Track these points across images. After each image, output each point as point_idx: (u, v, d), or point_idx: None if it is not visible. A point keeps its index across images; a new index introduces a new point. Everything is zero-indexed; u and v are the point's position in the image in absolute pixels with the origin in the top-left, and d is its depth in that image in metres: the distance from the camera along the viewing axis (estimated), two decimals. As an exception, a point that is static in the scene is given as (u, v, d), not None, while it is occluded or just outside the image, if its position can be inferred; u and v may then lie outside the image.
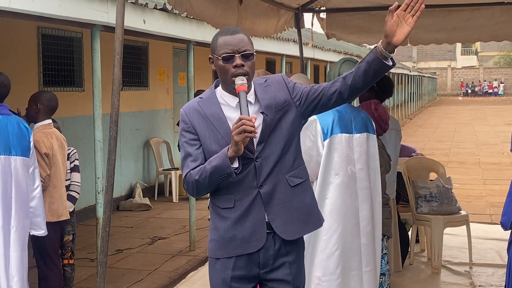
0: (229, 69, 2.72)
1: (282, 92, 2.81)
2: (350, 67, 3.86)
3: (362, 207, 3.84)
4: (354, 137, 3.83)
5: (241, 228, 2.76)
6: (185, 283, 6.03)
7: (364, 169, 3.86)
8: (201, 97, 2.85)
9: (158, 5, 6.69)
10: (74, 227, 5.02)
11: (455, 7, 6.85)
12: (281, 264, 2.80)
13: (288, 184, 2.79)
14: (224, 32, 2.78)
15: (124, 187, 9.79)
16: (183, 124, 2.81)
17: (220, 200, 2.81)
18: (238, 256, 2.78)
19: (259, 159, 2.74)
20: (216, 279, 2.86)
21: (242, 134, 2.54)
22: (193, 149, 2.76)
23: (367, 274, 3.85)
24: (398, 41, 2.60)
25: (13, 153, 3.88)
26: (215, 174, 2.66)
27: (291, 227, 2.79)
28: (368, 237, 3.86)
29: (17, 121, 4.01)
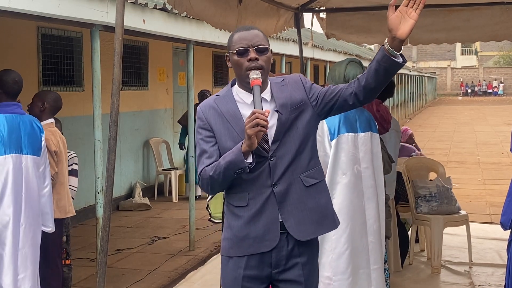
0: (243, 63, 2.73)
1: (299, 92, 2.80)
2: (355, 68, 3.88)
3: (368, 205, 3.86)
4: (359, 136, 3.85)
5: (254, 227, 2.75)
6: (184, 283, 6.03)
7: (370, 168, 3.88)
8: (218, 95, 2.86)
9: (158, 5, 6.69)
10: (68, 228, 5.02)
11: (455, 7, 6.86)
12: (293, 265, 2.78)
13: (303, 184, 2.77)
14: (240, 29, 2.81)
15: (124, 187, 9.78)
16: (199, 121, 2.82)
17: (234, 198, 2.80)
18: (251, 255, 2.77)
19: (273, 158, 2.73)
20: (228, 278, 2.83)
21: (255, 127, 2.53)
22: (208, 146, 2.77)
23: (375, 272, 3.87)
24: (403, 34, 2.56)
25: (24, 152, 3.95)
26: (229, 170, 2.65)
27: (305, 228, 2.77)
28: (375, 235, 3.88)
29: (30, 120, 4.08)
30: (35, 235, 4.01)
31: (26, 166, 3.95)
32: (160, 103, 10.96)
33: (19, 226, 3.88)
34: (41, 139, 4.11)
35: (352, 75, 3.87)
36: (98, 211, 5.20)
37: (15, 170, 3.88)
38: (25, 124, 4.01)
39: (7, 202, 3.82)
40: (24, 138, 3.96)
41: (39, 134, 4.10)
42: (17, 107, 4.07)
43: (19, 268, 3.88)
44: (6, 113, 3.97)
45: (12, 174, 3.85)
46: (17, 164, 3.89)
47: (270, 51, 2.81)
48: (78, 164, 5.18)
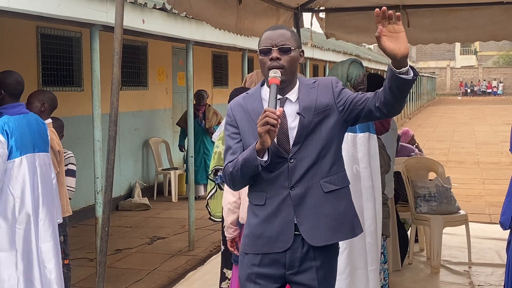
0: (266, 62, 2.74)
1: (326, 96, 2.78)
2: (358, 69, 3.89)
3: (366, 206, 3.87)
4: (358, 136, 3.86)
5: (269, 227, 2.76)
6: (184, 283, 6.03)
7: (368, 168, 3.89)
8: (247, 93, 2.89)
9: (157, 5, 6.69)
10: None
11: (454, 7, 6.86)
12: (307, 268, 2.77)
13: (322, 190, 2.75)
14: (269, 28, 2.82)
15: (123, 187, 9.78)
16: (227, 118, 2.85)
17: (254, 196, 2.83)
18: (265, 254, 2.78)
19: (293, 160, 2.73)
20: (243, 273, 2.86)
21: (265, 126, 2.53)
22: (233, 142, 2.80)
23: (372, 273, 3.87)
24: (403, 52, 2.47)
25: (36, 150, 4.05)
26: (245, 167, 2.66)
27: (319, 233, 2.74)
28: (372, 236, 3.89)
29: (35, 118, 4.17)
30: (54, 228, 4.15)
31: (39, 164, 4.05)
32: (159, 103, 10.96)
33: (38, 222, 4.00)
34: (47, 134, 4.23)
35: (355, 76, 3.88)
36: (97, 211, 5.20)
37: (31, 170, 3.97)
38: (31, 123, 4.10)
39: (28, 202, 3.94)
40: (33, 137, 4.05)
41: (46, 131, 4.22)
42: (22, 107, 4.15)
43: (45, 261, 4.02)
44: (14, 114, 4.03)
45: (28, 174, 3.95)
46: (32, 163, 4.00)
47: (301, 51, 2.81)
48: (75, 164, 5.17)
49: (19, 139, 3.94)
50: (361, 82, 3.88)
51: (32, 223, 3.96)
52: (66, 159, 5.04)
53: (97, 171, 5.33)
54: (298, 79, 2.84)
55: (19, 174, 3.93)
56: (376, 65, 23.19)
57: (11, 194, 3.90)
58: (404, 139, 7.83)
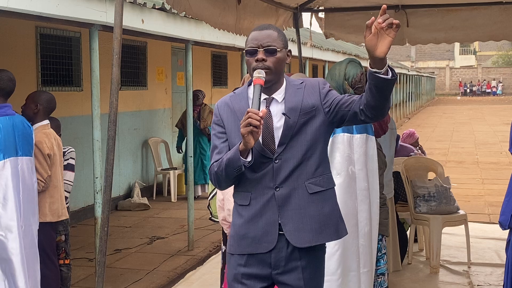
0: (251, 63, 2.74)
1: (313, 97, 2.78)
2: (355, 68, 3.88)
3: (361, 207, 3.85)
4: (354, 137, 3.84)
5: (253, 227, 2.76)
6: (183, 282, 6.03)
7: (363, 170, 3.87)
8: (234, 92, 2.89)
9: (157, 5, 6.69)
10: (67, 228, 4.98)
11: (454, 7, 6.86)
12: (293, 268, 2.76)
13: (306, 191, 2.75)
14: (256, 28, 2.81)
15: (123, 187, 9.78)
16: (214, 117, 2.86)
17: (239, 196, 2.83)
18: (250, 254, 2.78)
19: (278, 160, 2.73)
20: (230, 274, 2.86)
21: (247, 127, 2.53)
22: (219, 142, 2.80)
23: (364, 275, 3.86)
24: (381, 53, 2.47)
25: (19, 154, 3.95)
26: (229, 167, 2.67)
27: (303, 235, 2.74)
28: (366, 238, 3.87)
29: (21, 121, 4.07)
30: (33, 235, 4.03)
31: (22, 168, 3.96)
32: (159, 103, 10.96)
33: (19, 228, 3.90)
34: (32, 138, 4.12)
35: (353, 75, 3.86)
36: (96, 211, 5.19)
37: (13, 174, 3.89)
38: (17, 126, 4.00)
39: (11, 207, 3.85)
40: (18, 140, 3.96)
41: (31, 134, 4.11)
42: (8, 108, 4.04)
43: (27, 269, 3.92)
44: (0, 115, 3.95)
45: (11, 178, 3.87)
46: (15, 167, 3.91)
47: (288, 51, 2.80)
48: (75, 159, 5.15)
49: (2, 141, 3.86)
50: (358, 81, 3.87)
51: (15, 230, 3.85)
52: (67, 154, 5.02)
53: (96, 171, 5.33)
54: (285, 79, 2.83)
55: (2, 178, 3.84)
56: (375, 65, 23.13)
57: None
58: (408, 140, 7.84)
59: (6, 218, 3.84)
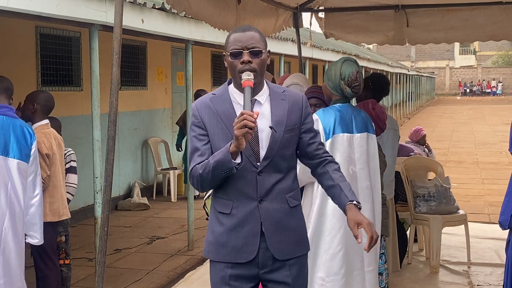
0: (237, 65, 2.72)
1: (296, 114, 2.80)
2: (351, 67, 3.86)
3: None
4: (354, 137, 3.84)
5: (234, 237, 2.76)
6: (183, 282, 6.03)
7: (365, 169, 3.87)
8: (214, 94, 2.85)
9: (157, 5, 6.69)
10: (67, 228, 4.99)
11: (454, 7, 6.86)
12: (280, 266, 2.78)
13: (288, 204, 2.78)
14: (236, 30, 2.79)
15: (123, 187, 9.78)
16: (193, 119, 2.82)
17: (219, 203, 2.81)
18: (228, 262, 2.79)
19: (262, 173, 2.73)
20: (216, 277, 2.85)
21: (243, 129, 2.52)
22: (200, 144, 2.77)
23: (369, 274, 3.85)
24: None
25: (11, 155, 3.84)
26: (217, 169, 2.65)
27: (285, 247, 2.78)
28: None
29: (21, 126, 3.97)
30: (18, 240, 3.88)
31: (11, 169, 3.84)
32: (158, 103, 10.96)
33: (2, 230, 3.78)
34: (31, 146, 3.97)
35: (348, 74, 3.84)
36: (96, 210, 5.19)
37: (1, 172, 3.78)
38: (15, 128, 3.91)
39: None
40: (12, 141, 3.86)
41: (30, 141, 3.96)
42: (9, 109, 3.98)
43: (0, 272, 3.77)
44: None
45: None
46: (2, 167, 3.80)
47: (268, 52, 2.79)
48: (76, 161, 5.15)
49: None
50: (354, 79, 3.84)
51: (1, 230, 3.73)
52: (67, 157, 5.02)
53: (96, 171, 5.33)
54: (265, 81, 2.84)
55: None
56: (375, 64, 23.18)
57: None
58: (414, 137, 7.85)
59: None
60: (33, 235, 4.03)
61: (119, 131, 9.38)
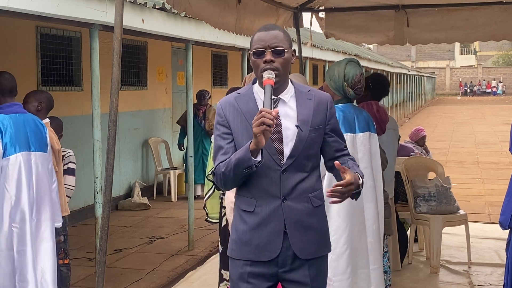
0: (259, 64, 2.73)
1: (321, 114, 2.81)
2: (354, 68, 3.86)
3: (367, 205, 3.86)
4: (357, 136, 3.85)
5: (257, 235, 2.76)
6: (183, 282, 6.03)
7: (368, 168, 3.88)
8: (239, 93, 2.87)
9: (157, 5, 6.69)
10: (65, 228, 5.00)
11: (454, 7, 6.86)
12: (300, 265, 2.78)
13: (311, 204, 2.79)
14: (261, 29, 2.81)
15: (123, 187, 9.78)
16: (218, 117, 2.83)
17: (242, 201, 2.81)
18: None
19: (286, 172, 2.74)
20: (235, 273, 2.85)
21: (261, 126, 2.53)
22: (224, 142, 2.78)
23: (374, 272, 3.87)
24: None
25: (32, 149, 4.02)
26: (238, 167, 2.66)
27: (308, 247, 2.79)
28: (374, 236, 3.88)
29: (32, 119, 4.15)
30: (47, 229, 4.09)
31: (35, 162, 4.03)
32: (159, 102, 10.96)
33: (32, 222, 3.97)
34: (46, 136, 4.19)
35: (352, 75, 3.84)
36: (97, 210, 5.20)
37: (26, 168, 3.96)
38: (29, 123, 4.08)
39: (24, 200, 3.92)
40: (30, 136, 4.03)
41: (44, 132, 4.17)
42: (18, 106, 4.14)
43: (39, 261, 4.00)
44: (10, 113, 4.02)
45: (24, 171, 3.93)
46: (27, 162, 3.97)
47: (293, 51, 2.81)
48: (75, 163, 5.16)
49: (14, 136, 3.92)
50: (358, 81, 3.85)
51: (27, 222, 3.93)
52: (66, 158, 5.03)
53: (97, 170, 5.33)
54: (290, 80, 2.85)
55: (15, 172, 3.90)
56: (375, 64, 23.19)
57: (7, 192, 3.88)
58: (414, 137, 7.85)
59: (19, 211, 3.90)
60: (57, 219, 4.27)
61: (120, 131, 9.38)
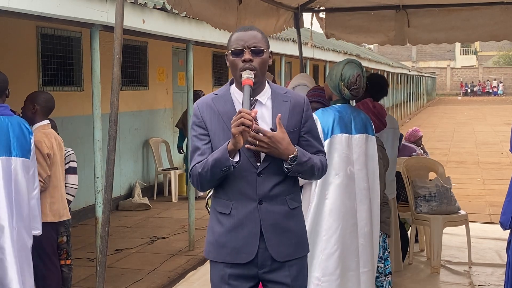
0: (238, 64, 2.73)
1: (297, 116, 2.81)
2: (352, 69, 3.85)
3: (360, 207, 3.84)
4: (353, 137, 3.83)
5: (234, 237, 2.76)
6: (184, 282, 6.03)
7: (363, 170, 3.86)
8: (216, 94, 2.85)
9: (158, 5, 6.69)
10: (68, 229, 4.99)
11: (454, 7, 6.86)
12: (279, 266, 2.78)
13: (288, 206, 2.79)
14: (239, 29, 2.81)
15: (123, 187, 9.78)
16: (194, 118, 2.82)
17: (219, 203, 2.82)
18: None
19: (262, 175, 2.73)
20: (215, 276, 2.87)
21: (239, 127, 2.54)
22: (201, 143, 2.77)
23: (364, 275, 3.84)
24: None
25: (13, 154, 3.86)
26: (215, 167, 2.66)
27: (284, 249, 2.78)
28: (366, 238, 3.86)
29: (18, 122, 3.98)
30: (25, 238, 3.93)
31: (15, 168, 3.87)
32: (159, 103, 10.96)
33: (13, 230, 3.82)
34: (30, 141, 4.01)
35: (349, 76, 3.83)
36: (97, 211, 5.20)
37: (5, 173, 3.80)
38: (13, 126, 3.92)
39: (2, 206, 3.77)
40: (13, 140, 3.88)
41: (28, 136, 4.00)
42: (4, 108, 3.97)
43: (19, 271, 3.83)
44: None
45: (2, 177, 3.78)
46: (7, 167, 3.82)
47: (270, 52, 2.80)
48: (76, 161, 5.14)
49: None
50: (354, 82, 3.83)
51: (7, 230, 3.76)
52: (66, 157, 5.01)
53: (97, 171, 5.33)
54: (267, 82, 2.85)
55: None
56: (376, 65, 23.19)
57: None
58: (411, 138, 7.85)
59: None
60: (35, 226, 4.09)
61: (120, 131, 9.38)
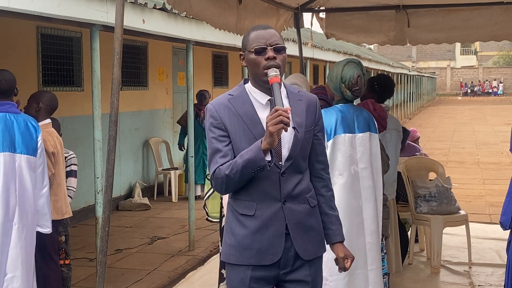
0: (261, 62, 2.70)
1: (312, 115, 2.82)
2: (352, 70, 3.84)
3: (366, 206, 3.85)
4: (356, 136, 3.83)
5: (259, 239, 2.73)
6: (184, 283, 6.03)
7: (368, 168, 3.87)
8: (231, 94, 2.81)
9: (158, 5, 6.69)
10: (66, 228, 5.01)
11: (455, 7, 6.85)
12: (300, 265, 2.79)
13: (309, 204, 2.80)
14: (256, 28, 2.79)
15: (124, 187, 9.78)
16: (211, 120, 2.75)
17: (241, 205, 2.76)
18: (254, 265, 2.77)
19: (285, 174, 2.73)
20: (235, 279, 2.79)
21: (278, 124, 2.51)
22: (222, 145, 2.72)
23: (372, 272, 3.86)
24: None
25: (18, 151, 3.90)
26: (247, 168, 2.61)
27: (310, 247, 2.80)
28: (373, 236, 3.87)
29: (24, 120, 4.03)
30: (28, 235, 3.95)
31: (19, 165, 3.90)
32: (159, 103, 10.96)
33: (11, 226, 3.83)
34: (37, 139, 4.04)
35: (349, 77, 3.82)
36: (97, 211, 5.20)
37: (8, 169, 3.83)
38: (19, 124, 3.96)
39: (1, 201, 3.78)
40: (18, 138, 3.91)
41: (35, 134, 4.03)
42: (11, 106, 4.01)
43: (8, 267, 3.83)
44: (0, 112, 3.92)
45: (3, 172, 3.80)
46: (10, 163, 3.85)
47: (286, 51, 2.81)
48: (77, 165, 5.17)
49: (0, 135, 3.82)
50: (355, 83, 3.80)
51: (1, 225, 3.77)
52: (68, 160, 5.03)
53: (97, 171, 5.33)
54: None
55: None
56: (376, 65, 23.18)
57: None
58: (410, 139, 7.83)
59: None
60: (44, 224, 4.14)
61: (120, 131, 9.38)
